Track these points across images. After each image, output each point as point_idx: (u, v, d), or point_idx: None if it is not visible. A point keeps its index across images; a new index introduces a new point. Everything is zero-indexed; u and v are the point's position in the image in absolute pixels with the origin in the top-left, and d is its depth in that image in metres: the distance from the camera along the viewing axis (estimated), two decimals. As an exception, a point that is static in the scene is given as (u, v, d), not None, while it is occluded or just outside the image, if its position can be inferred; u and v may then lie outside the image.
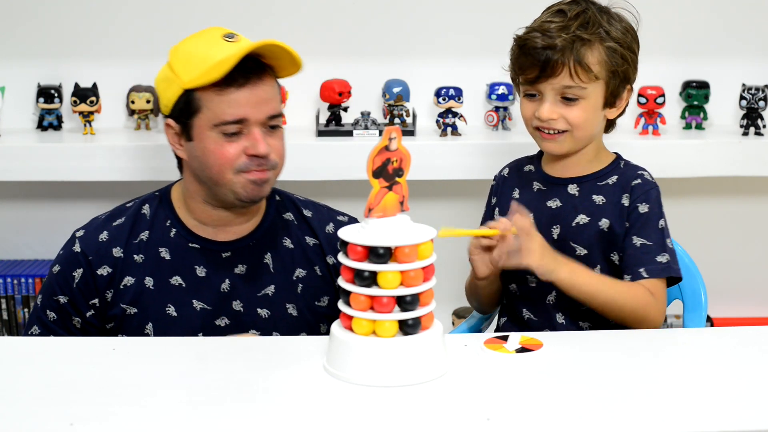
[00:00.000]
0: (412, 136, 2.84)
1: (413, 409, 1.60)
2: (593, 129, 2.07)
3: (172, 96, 2.04)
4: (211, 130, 2.01)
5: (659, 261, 2.03)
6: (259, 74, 2.02)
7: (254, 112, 2.01)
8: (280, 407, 1.61)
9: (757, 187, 3.05)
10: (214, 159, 2.02)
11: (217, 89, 1.99)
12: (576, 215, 2.08)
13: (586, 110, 2.04)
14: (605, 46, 2.02)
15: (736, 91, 2.88)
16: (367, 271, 1.64)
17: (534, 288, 2.10)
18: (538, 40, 2.03)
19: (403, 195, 1.71)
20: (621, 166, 2.12)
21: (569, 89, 2.03)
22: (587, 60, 2.01)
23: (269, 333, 2.09)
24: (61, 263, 2.11)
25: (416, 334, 1.67)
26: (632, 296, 2.00)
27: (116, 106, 2.93)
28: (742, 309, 3.11)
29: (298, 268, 2.14)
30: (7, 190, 3.01)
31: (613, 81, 2.04)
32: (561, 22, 2.03)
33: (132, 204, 2.15)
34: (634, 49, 2.08)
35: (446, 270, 2.14)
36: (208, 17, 2.92)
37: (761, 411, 1.59)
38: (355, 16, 2.94)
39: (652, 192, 2.07)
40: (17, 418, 1.57)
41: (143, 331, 2.07)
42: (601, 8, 2.07)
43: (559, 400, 1.63)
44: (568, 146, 2.08)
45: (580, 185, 2.10)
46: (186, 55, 2.04)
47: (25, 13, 2.91)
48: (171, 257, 2.09)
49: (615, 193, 2.07)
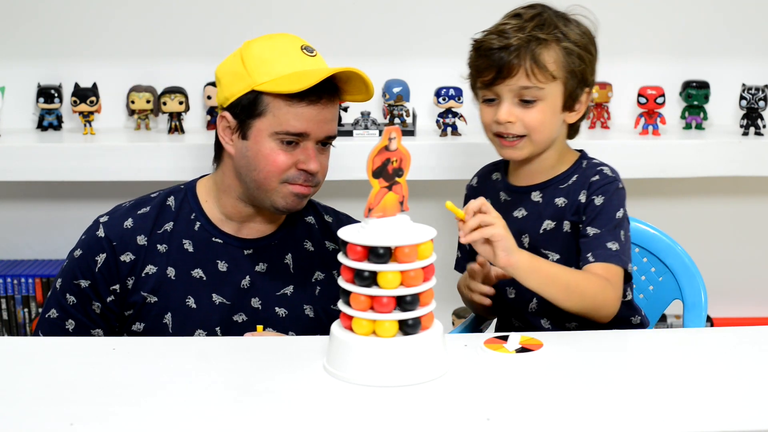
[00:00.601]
0: (412, 136, 2.84)
1: (413, 409, 1.60)
2: (551, 132, 2.05)
3: (237, 92, 2.05)
4: (270, 136, 2.03)
5: (609, 247, 1.98)
6: (331, 96, 2.05)
7: (316, 129, 2.04)
8: (280, 407, 1.61)
9: (757, 187, 3.05)
10: (265, 164, 2.04)
11: (288, 99, 2.01)
12: (542, 222, 2.06)
13: (543, 112, 2.02)
14: (562, 46, 2.01)
15: (736, 91, 2.88)
16: (367, 271, 1.64)
17: (514, 299, 2.10)
18: (494, 41, 2.02)
19: (402, 195, 1.70)
20: (583, 166, 2.09)
21: (526, 90, 2.00)
22: (543, 59, 1.99)
23: (285, 332, 2.10)
24: (83, 248, 2.11)
25: (416, 334, 1.67)
26: (591, 281, 1.94)
27: (116, 106, 2.93)
28: (742, 309, 3.11)
29: (317, 271, 2.16)
30: (7, 190, 3.01)
31: (571, 82, 2.02)
32: (517, 24, 2.02)
33: (157, 195, 2.16)
34: (591, 51, 2.05)
35: (446, 270, 2.14)
36: (208, 17, 2.92)
37: (761, 411, 1.59)
38: (355, 16, 2.94)
39: (609, 186, 2.03)
40: (17, 418, 1.57)
41: (162, 320, 2.08)
42: (558, 13, 2.06)
43: (559, 400, 1.63)
44: (528, 151, 2.05)
45: (543, 191, 2.08)
46: (263, 55, 2.05)
47: (25, 13, 2.91)
48: (194, 250, 2.11)
49: (575, 192, 2.05)
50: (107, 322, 2.10)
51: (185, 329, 2.07)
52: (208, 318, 2.08)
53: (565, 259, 2.05)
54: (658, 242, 2.32)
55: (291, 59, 2.03)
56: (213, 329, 2.08)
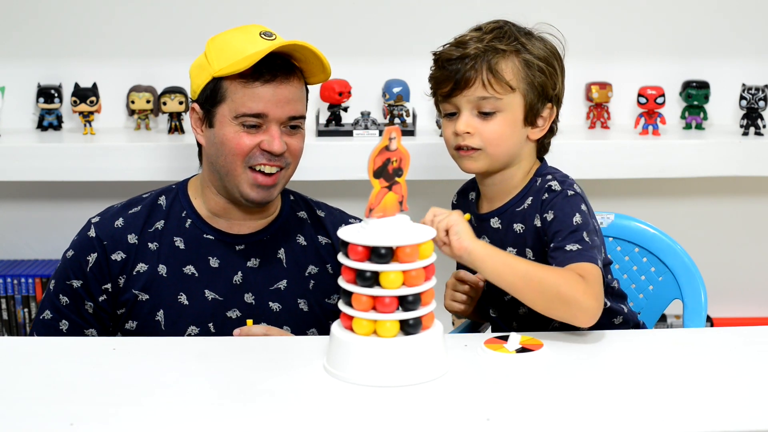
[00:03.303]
0: (412, 136, 2.83)
1: (413, 409, 1.60)
2: (510, 147, 2.01)
3: (201, 82, 2.09)
4: (231, 120, 2.06)
5: (568, 249, 1.90)
6: (286, 74, 2.07)
7: (275, 109, 2.05)
8: (280, 407, 1.61)
9: (757, 187, 3.05)
10: (229, 148, 2.06)
11: (243, 81, 2.04)
12: (504, 249, 1.98)
13: (502, 125, 1.99)
14: (521, 57, 1.99)
15: (736, 91, 2.88)
16: (368, 271, 1.65)
17: (494, 319, 2.10)
18: (452, 52, 2.01)
19: (402, 195, 1.71)
20: (537, 184, 2.02)
21: (485, 101, 1.98)
22: (500, 69, 1.97)
23: (280, 326, 2.11)
24: (75, 248, 2.13)
25: (417, 334, 1.67)
26: (556, 273, 1.85)
27: (116, 106, 2.93)
28: (742, 309, 3.11)
29: (310, 265, 2.17)
30: (7, 190, 3.01)
31: (531, 94, 1.99)
32: (476, 35, 2.02)
33: (148, 195, 2.18)
34: (554, 65, 2.02)
35: (446, 270, 2.14)
36: (208, 17, 2.92)
37: (761, 411, 1.60)
38: (355, 16, 2.94)
39: (556, 199, 1.97)
40: (17, 418, 1.57)
41: (154, 317, 2.08)
42: (521, 28, 2.04)
43: (559, 400, 1.63)
44: (484, 163, 2.01)
45: (501, 216, 2.05)
46: (221, 45, 2.08)
47: (25, 13, 2.91)
48: (185, 246, 2.12)
49: (530, 217, 2.00)
50: (100, 322, 2.11)
51: (178, 326, 2.08)
52: (201, 314, 2.09)
53: None
54: (658, 242, 2.32)
55: (246, 44, 2.05)
56: (206, 325, 2.09)
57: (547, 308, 1.84)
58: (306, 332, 2.13)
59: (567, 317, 1.84)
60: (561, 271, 1.86)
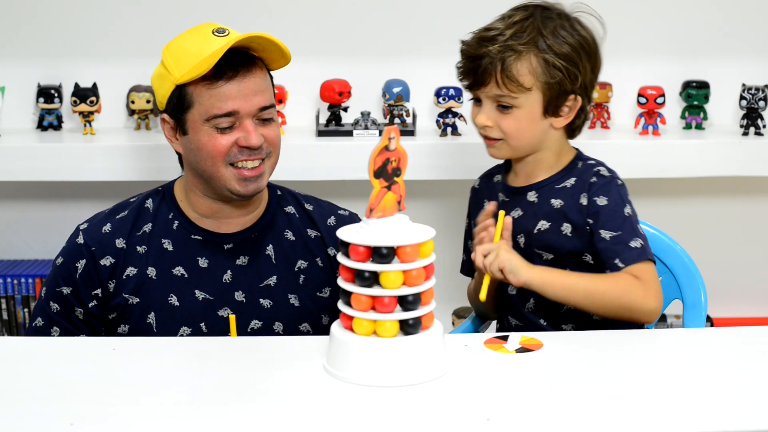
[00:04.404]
0: (412, 136, 2.83)
1: (413, 409, 1.60)
2: (531, 138, 2.05)
3: (165, 92, 2.07)
4: (203, 124, 2.04)
5: (633, 247, 1.99)
6: (248, 67, 2.05)
7: (244, 104, 2.03)
8: (280, 407, 1.61)
9: (757, 187, 3.05)
10: (207, 152, 2.05)
11: (207, 83, 2.02)
12: (537, 221, 2.06)
13: (519, 120, 2.02)
14: (540, 57, 2.00)
15: (736, 91, 2.88)
16: (368, 271, 1.64)
17: (514, 296, 2.11)
18: (472, 47, 2.05)
19: (400, 194, 1.71)
20: (579, 167, 2.09)
21: (501, 98, 2.02)
22: (514, 71, 2.00)
23: (271, 323, 2.11)
24: (65, 255, 2.13)
25: (417, 334, 1.67)
26: (613, 283, 1.96)
27: (116, 106, 2.93)
28: (742, 309, 3.11)
29: (299, 260, 2.16)
30: (7, 190, 3.01)
31: (549, 91, 2.01)
32: (497, 30, 2.03)
33: (135, 199, 2.18)
34: (578, 58, 2.02)
35: (446, 270, 2.14)
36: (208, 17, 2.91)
37: (761, 411, 1.60)
38: (355, 16, 2.94)
39: (609, 185, 2.04)
40: (17, 418, 1.57)
41: (145, 320, 2.08)
42: (550, 17, 2.03)
43: (559, 400, 1.63)
44: (507, 153, 2.07)
45: (539, 191, 2.09)
46: (177, 51, 2.07)
47: (25, 13, 2.91)
48: (173, 248, 2.11)
49: (573, 195, 2.05)
50: (91, 327, 2.11)
51: (169, 328, 2.08)
52: (192, 315, 2.09)
53: (558, 259, 2.05)
54: (658, 242, 2.32)
55: (202, 45, 2.03)
56: (198, 326, 2.09)
57: (612, 316, 1.99)
58: (299, 327, 2.13)
59: (632, 320, 1.98)
60: (618, 280, 1.97)
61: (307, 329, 2.13)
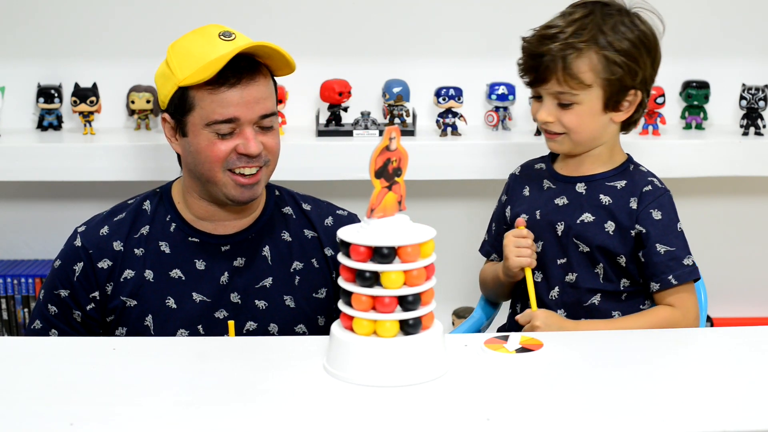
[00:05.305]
0: (412, 136, 2.83)
1: (413, 409, 1.60)
2: (593, 132, 2.08)
3: (167, 92, 2.07)
4: (204, 128, 2.03)
5: (686, 264, 2.06)
6: (251, 74, 2.04)
7: (246, 111, 2.02)
8: (280, 407, 1.61)
9: (757, 187, 3.05)
10: (206, 156, 2.04)
11: (210, 88, 2.02)
12: (581, 213, 2.09)
13: (580, 115, 2.06)
14: (601, 54, 2.02)
15: (736, 91, 2.88)
16: (369, 271, 1.64)
17: (539, 283, 2.12)
18: (533, 45, 2.06)
19: (401, 194, 1.71)
20: (630, 170, 2.13)
21: (562, 95, 2.05)
22: (575, 69, 2.02)
23: (267, 324, 2.11)
24: (63, 258, 2.13)
25: (417, 334, 1.67)
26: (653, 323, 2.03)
27: (116, 106, 2.93)
28: (742, 309, 3.11)
29: (295, 261, 2.16)
30: (7, 190, 3.01)
31: (610, 87, 2.04)
32: (558, 28, 2.05)
33: (133, 201, 2.18)
34: (638, 54, 2.04)
35: (446, 270, 2.14)
36: (208, 17, 2.91)
37: (761, 411, 1.59)
38: (355, 16, 2.94)
39: (663, 198, 2.09)
40: (17, 418, 1.57)
41: (143, 323, 2.08)
42: (610, 13, 2.06)
43: (559, 400, 1.63)
44: (568, 147, 2.11)
45: (588, 184, 2.12)
46: (182, 52, 2.06)
47: (25, 13, 2.90)
48: (171, 251, 2.11)
49: (623, 197, 2.08)
50: (89, 330, 2.11)
51: (167, 330, 2.08)
52: (189, 317, 2.09)
53: (593, 254, 2.07)
54: (658, 242, 2.31)
55: (207, 49, 2.02)
56: (195, 327, 2.09)
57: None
58: (294, 329, 2.13)
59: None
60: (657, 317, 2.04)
61: (303, 330, 2.13)
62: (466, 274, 2.59)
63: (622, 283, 2.09)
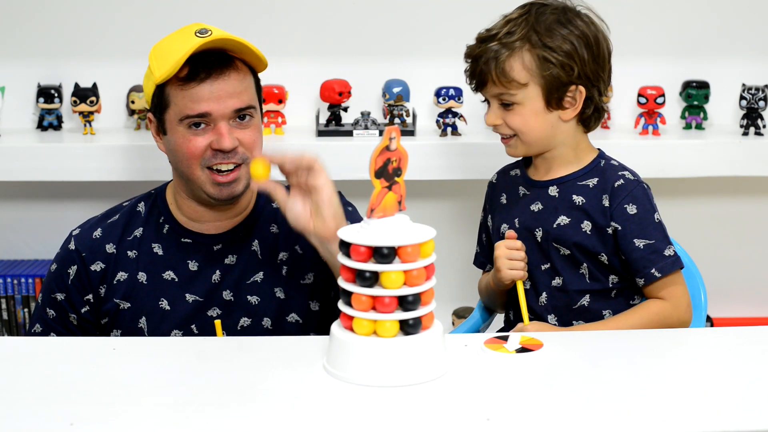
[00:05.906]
0: (412, 136, 2.83)
1: (413, 409, 1.60)
2: (541, 132, 2.07)
3: (149, 92, 2.08)
4: (178, 125, 2.04)
5: (668, 255, 2.05)
6: (222, 68, 2.03)
7: (217, 106, 2.02)
8: (280, 407, 1.61)
9: (757, 187, 3.05)
10: (182, 153, 2.05)
11: (181, 84, 2.02)
12: (557, 216, 2.09)
13: (523, 115, 2.06)
14: (533, 52, 2.02)
15: (736, 91, 2.88)
16: (369, 271, 1.64)
17: (527, 291, 2.11)
18: (472, 48, 2.10)
19: (401, 194, 1.71)
20: (601, 166, 2.12)
21: (502, 96, 2.06)
22: (508, 68, 2.03)
23: (260, 318, 2.11)
24: (58, 262, 2.14)
25: (417, 334, 1.67)
26: (645, 318, 2.03)
27: (116, 106, 2.93)
28: (742, 309, 3.11)
29: (281, 252, 2.15)
30: (7, 190, 3.01)
31: (547, 85, 2.03)
32: (493, 31, 2.07)
33: (128, 203, 2.19)
34: (568, 51, 2.02)
35: (446, 270, 2.14)
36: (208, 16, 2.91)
37: (761, 411, 1.59)
38: (355, 16, 2.94)
39: (636, 191, 2.07)
40: (17, 418, 1.57)
41: (137, 325, 2.09)
42: (544, 12, 2.05)
43: (559, 400, 1.63)
44: (523, 149, 2.11)
45: (560, 186, 2.11)
46: (159, 51, 2.07)
47: (25, 13, 2.90)
48: (164, 253, 2.12)
49: (596, 195, 2.07)
50: (86, 333, 2.12)
51: (161, 331, 2.08)
52: (183, 317, 2.09)
53: (575, 255, 2.07)
54: (658, 242, 2.31)
55: (180, 46, 2.02)
56: (189, 328, 2.09)
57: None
58: (286, 318, 2.12)
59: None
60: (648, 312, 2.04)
61: (295, 319, 2.13)
62: (466, 274, 2.59)
63: (610, 280, 2.09)
